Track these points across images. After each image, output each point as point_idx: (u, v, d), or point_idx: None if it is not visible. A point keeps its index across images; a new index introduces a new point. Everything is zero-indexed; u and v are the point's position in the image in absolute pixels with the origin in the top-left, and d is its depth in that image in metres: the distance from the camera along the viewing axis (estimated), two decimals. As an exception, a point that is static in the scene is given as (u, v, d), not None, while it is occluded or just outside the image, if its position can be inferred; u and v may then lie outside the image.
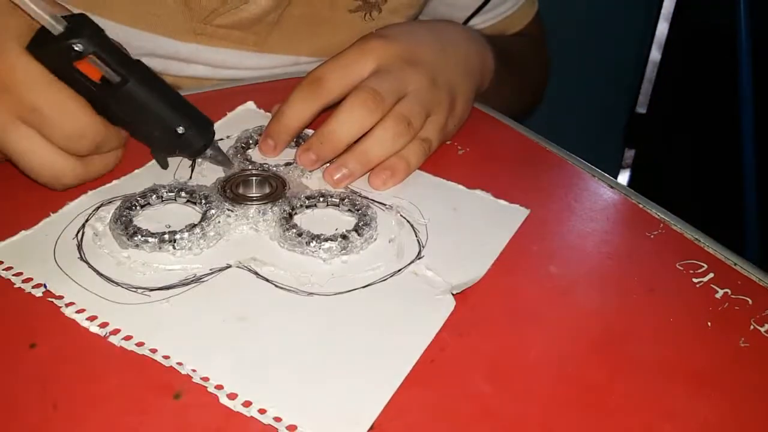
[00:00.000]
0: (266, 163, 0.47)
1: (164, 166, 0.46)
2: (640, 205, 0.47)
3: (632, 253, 0.43)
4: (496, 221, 0.44)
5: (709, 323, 0.38)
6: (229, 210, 0.42)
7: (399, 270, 0.40)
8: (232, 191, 0.44)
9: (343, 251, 0.40)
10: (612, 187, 0.49)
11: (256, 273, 0.39)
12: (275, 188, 0.44)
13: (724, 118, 1.46)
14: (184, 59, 0.60)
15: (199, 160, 0.47)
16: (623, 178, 1.79)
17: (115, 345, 0.34)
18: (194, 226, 0.40)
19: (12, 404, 0.31)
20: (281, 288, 0.38)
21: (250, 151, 0.49)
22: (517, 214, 0.45)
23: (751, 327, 0.38)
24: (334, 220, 0.43)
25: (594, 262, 0.43)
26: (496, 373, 0.34)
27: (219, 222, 0.41)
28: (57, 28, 0.39)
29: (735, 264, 0.42)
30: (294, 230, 0.40)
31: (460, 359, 0.35)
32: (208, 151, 0.45)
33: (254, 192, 0.45)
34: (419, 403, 0.32)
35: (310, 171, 0.46)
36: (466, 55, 0.55)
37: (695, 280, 0.41)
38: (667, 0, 1.57)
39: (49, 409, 0.31)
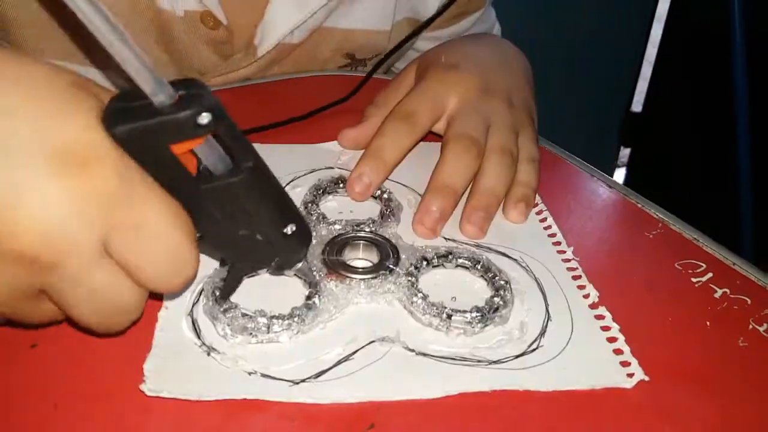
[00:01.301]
0: (359, 225, 0.41)
1: (226, 297, 0.35)
2: (639, 205, 0.47)
3: (631, 253, 0.43)
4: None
5: (708, 323, 0.38)
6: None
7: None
8: (336, 259, 0.38)
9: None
10: (611, 187, 0.49)
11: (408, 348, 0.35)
12: (386, 255, 0.39)
13: (719, 116, 1.46)
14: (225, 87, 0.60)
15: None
16: (619, 176, 1.79)
17: (116, 343, 0.34)
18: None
19: (12, 404, 0.31)
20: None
21: (321, 203, 0.44)
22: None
23: (750, 326, 0.38)
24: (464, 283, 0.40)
25: (593, 261, 0.43)
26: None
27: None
28: (159, 92, 0.26)
29: (734, 264, 0.42)
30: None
31: (460, 359, 0.35)
32: (300, 264, 0.37)
33: (360, 257, 0.40)
34: (419, 402, 0.32)
35: (434, 235, 0.42)
36: (525, 68, 0.56)
37: (694, 280, 0.41)
38: (662, -1, 1.58)
39: (50, 409, 0.30)
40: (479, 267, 0.39)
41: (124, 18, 0.56)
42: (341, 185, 0.45)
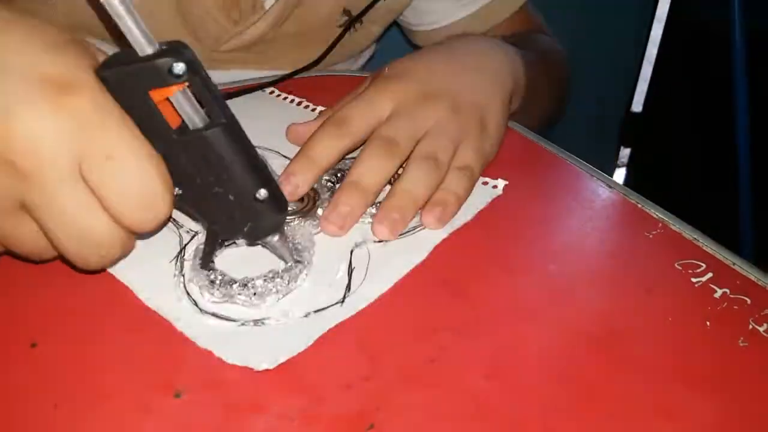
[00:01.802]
0: None
1: (207, 262, 0.37)
2: (639, 205, 0.47)
3: (631, 253, 0.43)
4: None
5: (708, 323, 0.38)
6: None
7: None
8: None
9: None
10: (611, 187, 0.49)
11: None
12: (306, 203, 0.43)
13: (719, 116, 1.46)
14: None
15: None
16: (619, 176, 1.79)
17: (116, 343, 0.34)
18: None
19: (12, 404, 0.31)
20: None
21: None
22: (488, 193, 0.47)
23: (750, 326, 0.38)
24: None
25: (593, 261, 0.43)
26: (495, 372, 0.34)
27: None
28: (147, 46, 0.31)
29: (734, 264, 0.42)
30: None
31: (459, 359, 0.35)
32: (275, 237, 0.38)
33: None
34: (419, 402, 0.32)
35: (342, 232, 0.43)
36: (492, 69, 0.54)
37: (694, 280, 0.41)
38: (662, -1, 1.58)
39: (50, 409, 0.30)
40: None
41: None
42: None
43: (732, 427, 0.33)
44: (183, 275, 0.38)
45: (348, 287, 0.39)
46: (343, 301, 0.37)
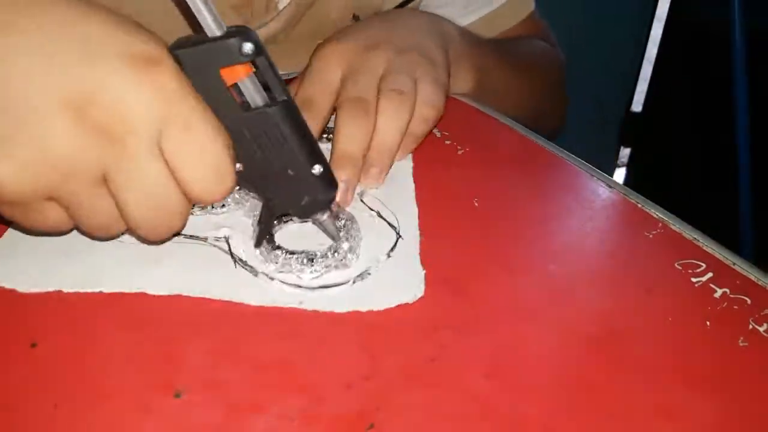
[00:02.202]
0: None
1: (261, 240, 0.39)
2: (639, 205, 0.47)
3: (631, 253, 0.43)
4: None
5: (708, 323, 0.38)
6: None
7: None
8: None
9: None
10: (611, 187, 0.49)
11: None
12: None
13: (719, 116, 1.46)
14: None
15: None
16: (619, 176, 1.79)
17: (116, 343, 0.34)
18: None
19: (12, 404, 0.31)
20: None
21: None
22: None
23: (750, 326, 0.38)
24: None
25: (593, 261, 0.43)
26: (495, 372, 0.34)
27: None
28: (216, 29, 0.34)
29: (734, 263, 0.42)
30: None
31: (460, 358, 0.35)
32: (325, 214, 0.40)
33: None
34: (419, 402, 0.32)
35: (346, 205, 0.44)
36: (418, 24, 0.56)
37: (694, 280, 0.41)
38: (662, -1, 1.58)
39: (50, 409, 0.30)
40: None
41: None
42: None
43: (732, 427, 0.33)
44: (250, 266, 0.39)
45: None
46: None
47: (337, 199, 0.42)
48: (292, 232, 0.42)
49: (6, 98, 0.30)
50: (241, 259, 0.39)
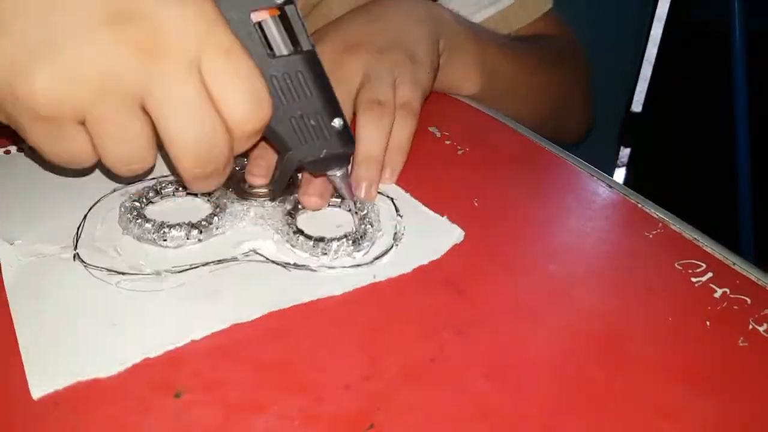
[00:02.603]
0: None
1: (282, 188, 0.41)
2: (639, 205, 0.47)
3: (631, 253, 0.43)
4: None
5: (708, 323, 0.38)
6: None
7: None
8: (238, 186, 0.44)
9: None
10: (611, 187, 0.49)
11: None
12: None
13: (718, 116, 1.46)
14: None
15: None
16: (618, 176, 1.79)
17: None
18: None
19: (12, 403, 0.31)
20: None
21: None
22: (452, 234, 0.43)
23: (750, 326, 0.38)
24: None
25: (593, 261, 0.43)
26: (495, 372, 0.34)
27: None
28: None
29: (734, 263, 0.42)
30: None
31: (459, 358, 0.35)
32: (341, 171, 0.41)
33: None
34: (419, 402, 0.32)
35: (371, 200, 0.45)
36: (407, 11, 0.54)
37: (694, 280, 0.41)
38: (662, -1, 1.58)
39: (50, 407, 0.30)
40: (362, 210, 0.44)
41: None
42: None
43: (732, 427, 0.33)
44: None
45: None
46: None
47: (365, 196, 0.44)
48: (308, 219, 0.44)
49: (47, 10, 0.30)
50: (295, 264, 0.40)
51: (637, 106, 1.73)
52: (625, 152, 1.80)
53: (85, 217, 0.42)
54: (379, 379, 0.33)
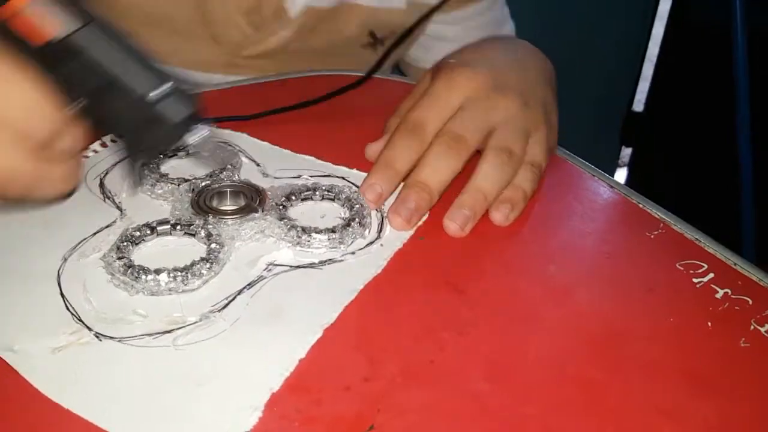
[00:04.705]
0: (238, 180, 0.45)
1: (137, 182, 0.37)
2: (641, 205, 0.47)
3: (632, 253, 0.43)
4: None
5: (710, 323, 0.38)
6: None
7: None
8: (206, 205, 0.42)
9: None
10: (612, 187, 0.49)
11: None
12: (251, 199, 0.42)
13: (720, 116, 1.46)
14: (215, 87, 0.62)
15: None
16: (620, 176, 1.79)
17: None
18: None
19: (11, 402, 0.31)
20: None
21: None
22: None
23: (752, 327, 0.38)
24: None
25: (594, 261, 0.43)
26: (495, 372, 0.34)
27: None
28: None
29: (735, 264, 0.42)
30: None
31: (459, 359, 0.35)
32: (195, 137, 0.34)
33: (229, 205, 0.43)
34: (419, 403, 0.32)
35: (408, 227, 0.43)
36: (542, 68, 0.55)
37: (695, 280, 0.41)
38: (664, -2, 1.58)
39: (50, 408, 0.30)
40: (342, 197, 0.44)
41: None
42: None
43: (733, 428, 0.32)
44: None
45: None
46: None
47: (402, 217, 0.43)
48: (304, 213, 0.44)
49: None
50: (320, 261, 0.40)
51: (638, 105, 1.73)
52: (626, 152, 1.79)
53: (62, 294, 0.36)
54: (379, 380, 0.33)
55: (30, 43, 0.30)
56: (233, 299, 0.37)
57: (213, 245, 0.39)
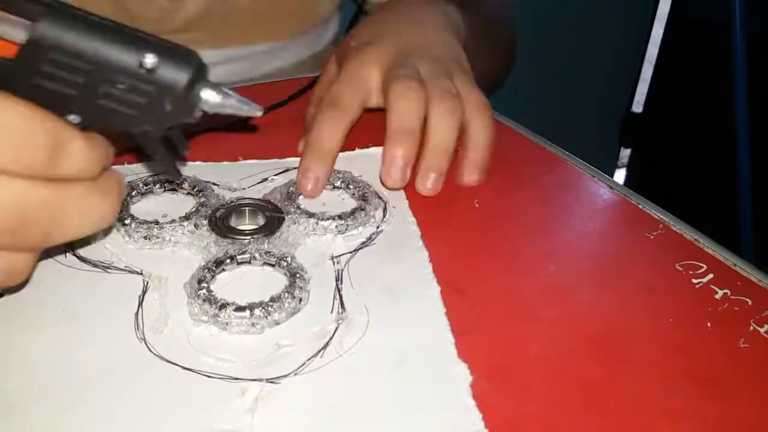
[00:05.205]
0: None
1: (177, 170, 0.34)
2: (640, 206, 0.47)
3: (632, 254, 0.43)
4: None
5: (709, 324, 0.38)
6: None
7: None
8: (224, 224, 0.41)
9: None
10: (611, 188, 0.49)
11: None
12: (270, 218, 0.41)
13: (719, 117, 1.46)
14: None
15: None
16: (619, 177, 1.79)
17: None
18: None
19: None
20: None
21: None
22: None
23: (751, 328, 0.38)
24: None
25: (593, 262, 0.43)
26: (495, 372, 0.34)
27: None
28: None
29: (735, 265, 0.42)
30: None
31: (459, 359, 0.35)
32: (208, 93, 0.30)
33: (247, 223, 0.42)
34: (419, 402, 0.32)
35: (403, 182, 0.45)
36: (445, 22, 0.55)
37: (695, 281, 0.41)
38: (663, -1, 1.58)
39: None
40: (337, 183, 0.45)
41: None
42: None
43: (733, 428, 0.32)
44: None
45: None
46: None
47: (394, 177, 0.44)
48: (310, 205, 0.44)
49: None
50: (363, 242, 0.41)
51: (637, 106, 1.73)
52: (625, 153, 1.80)
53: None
54: (379, 380, 0.33)
55: (6, 62, 0.28)
56: (338, 298, 0.38)
57: (291, 274, 0.37)
